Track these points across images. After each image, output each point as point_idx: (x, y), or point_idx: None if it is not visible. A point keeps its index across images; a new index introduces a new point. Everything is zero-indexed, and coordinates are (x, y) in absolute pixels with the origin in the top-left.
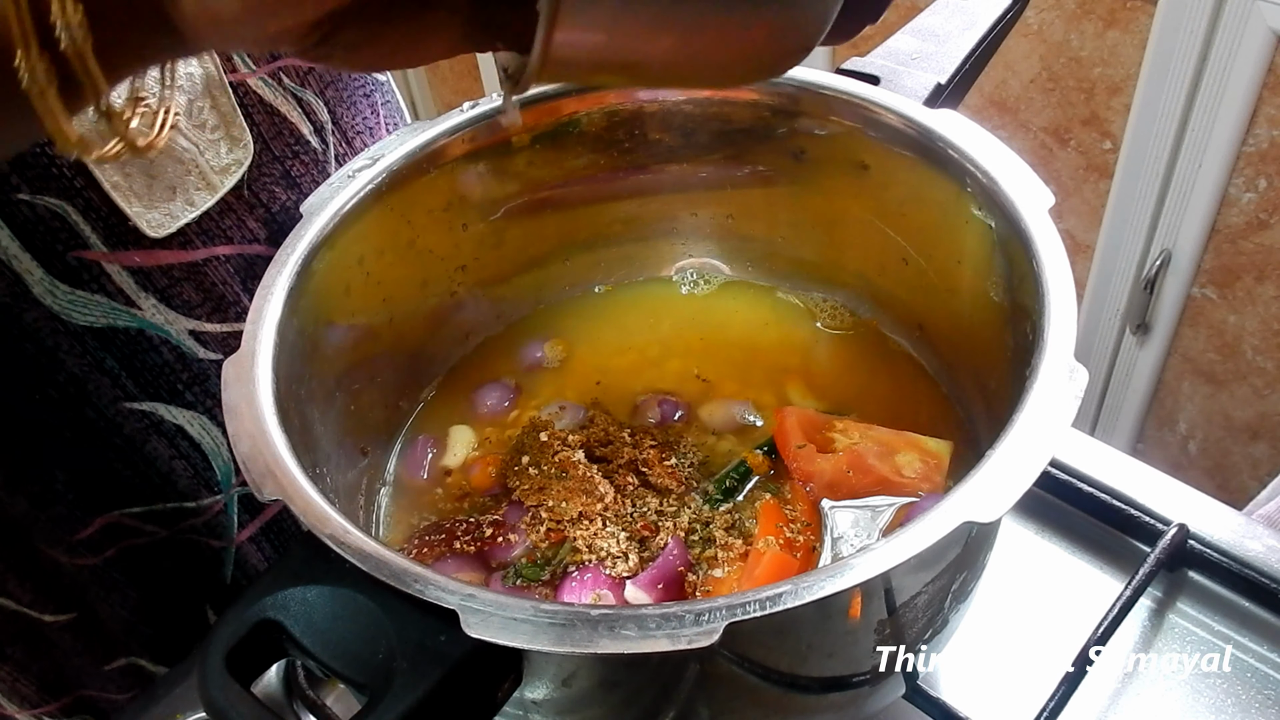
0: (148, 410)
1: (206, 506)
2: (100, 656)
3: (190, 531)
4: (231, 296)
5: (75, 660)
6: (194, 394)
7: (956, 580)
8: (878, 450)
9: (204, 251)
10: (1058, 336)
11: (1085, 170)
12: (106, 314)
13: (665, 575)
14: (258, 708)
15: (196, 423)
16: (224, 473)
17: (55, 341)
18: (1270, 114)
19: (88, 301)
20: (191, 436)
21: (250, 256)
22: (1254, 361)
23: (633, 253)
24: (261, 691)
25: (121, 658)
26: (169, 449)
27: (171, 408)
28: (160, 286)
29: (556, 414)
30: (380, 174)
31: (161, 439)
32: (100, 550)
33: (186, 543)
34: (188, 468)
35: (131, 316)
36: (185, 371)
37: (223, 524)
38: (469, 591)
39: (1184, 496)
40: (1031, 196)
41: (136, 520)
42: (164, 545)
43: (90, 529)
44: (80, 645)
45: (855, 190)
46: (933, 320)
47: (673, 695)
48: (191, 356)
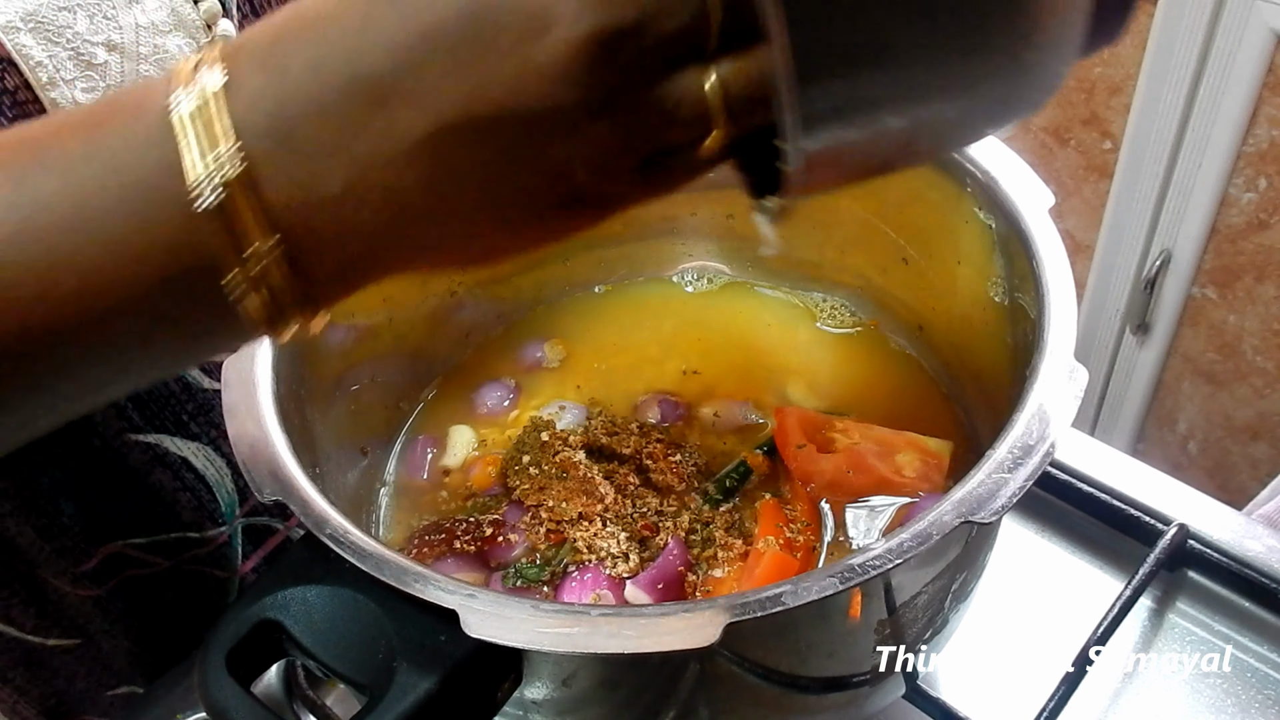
0: (153, 442)
1: (211, 538)
2: (102, 683)
3: (194, 562)
4: None
5: (77, 686)
6: (198, 425)
7: (956, 580)
8: (878, 450)
9: None
10: (1058, 336)
11: (1085, 170)
12: None
13: (665, 575)
14: (258, 708)
15: (201, 454)
16: (228, 504)
17: None
18: (1270, 114)
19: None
20: (196, 468)
21: None
22: (1254, 361)
23: (633, 253)
24: (261, 691)
25: (123, 685)
26: (173, 480)
27: (176, 439)
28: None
29: (556, 414)
30: None
31: (166, 470)
32: (103, 581)
33: (190, 573)
34: (192, 499)
35: None
36: (190, 402)
37: (227, 555)
38: (469, 591)
39: (1184, 496)
40: (1031, 196)
41: (140, 551)
42: (167, 576)
43: (93, 560)
44: (82, 671)
45: (855, 190)
46: (933, 320)
47: (673, 695)
48: (196, 387)
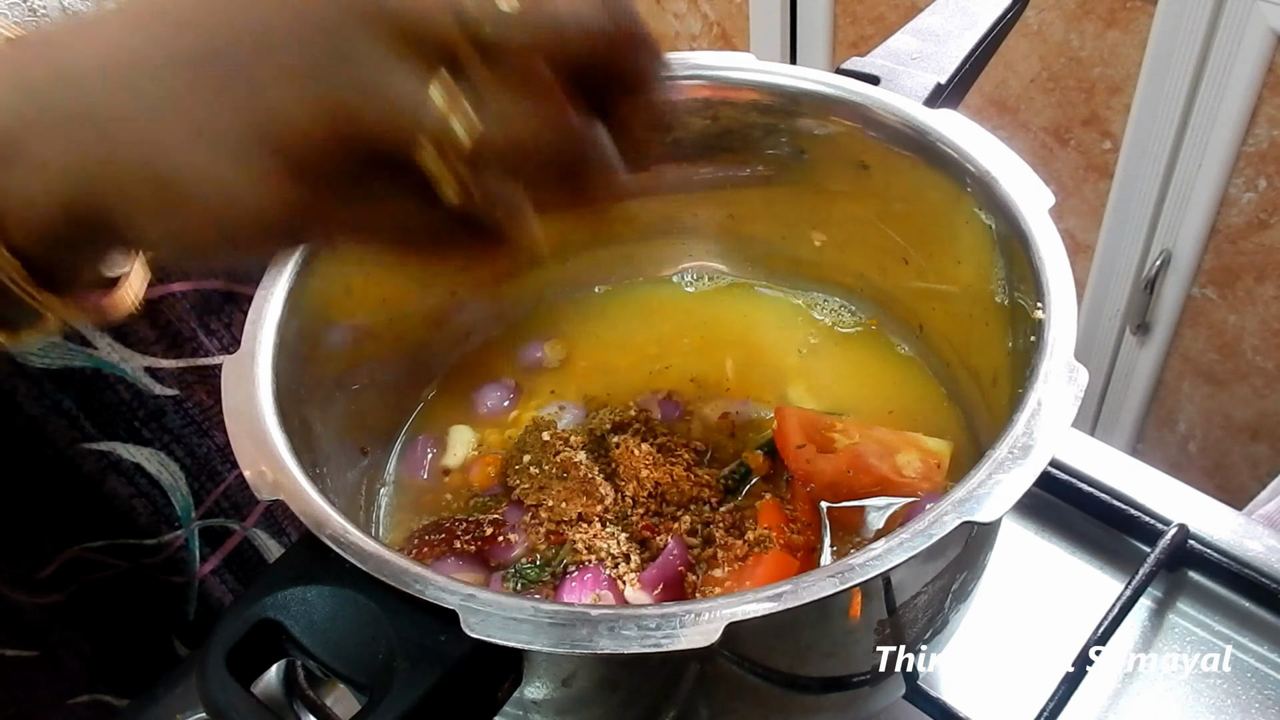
0: (105, 450)
1: (167, 543)
2: (63, 692)
3: (151, 569)
4: (188, 333)
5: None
6: (150, 430)
7: (956, 580)
8: (878, 450)
9: (160, 289)
10: (1058, 336)
11: (1085, 170)
12: (64, 355)
13: (665, 575)
14: (258, 708)
15: (155, 459)
16: (184, 507)
17: (13, 385)
18: (1270, 114)
19: (45, 344)
20: (150, 473)
21: (207, 292)
22: (1254, 361)
23: (633, 253)
24: (261, 691)
25: (85, 694)
26: (128, 487)
27: (129, 446)
28: (115, 325)
29: (556, 414)
30: None
31: (120, 478)
32: (63, 586)
33: (148, 579)
34: (147, 505)
35: (87, 356)
36: (142, 409)
37: (184, 559)
38: (469, 591)
39: (1184, 496)
40: (1031, 196)
41: (98, 554)
42: (126, 578)
43: (51, 566)
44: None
45: (855, 190)
46: (933, 320)
47: (673, 695)
48: (148, 394)
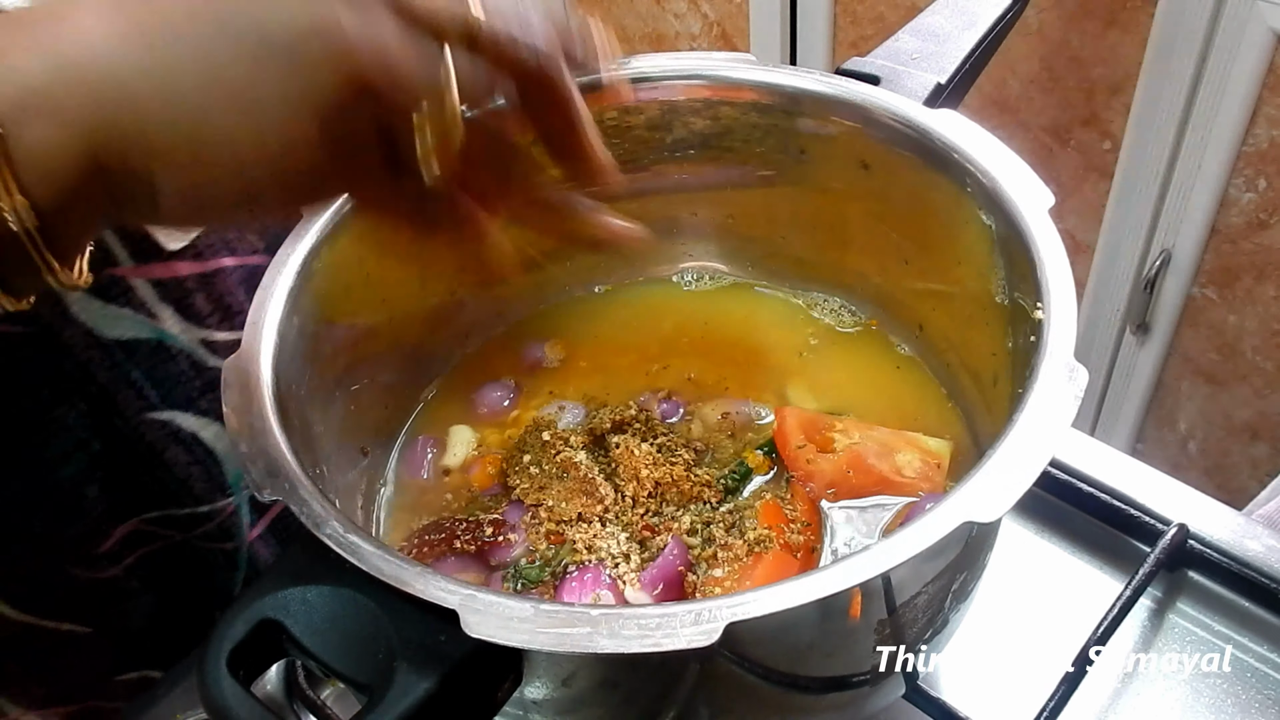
0: (167, 419)
1: (220, 509)
2: (113, 668)
3: (204, 538)
4: (237, 306)
5: (89, 670)
6: (207, 401)
7: (956, 580)
8: (878, 450)
9: (213, 263)
10: (1058, 336)
11: (1085, 170)
12: (132, 326)
13: (665, 575)
14: (258, 708)
15: (210, 429)
16: (235, 475)
17: (89, 355)
18: (1270, 114)
19: (118, 315)
20: (205, 442)
21: (252, 267)
22: (1254, 361)
23: (633, 253)
24: (261, 691)
25: (134, 670)
26: (186, 455)
27: (188, 415)
28: (176, 297)
29: (556, 414)
30: None
31: (179, 446)
32: (120, 560)
33: (201, 548)
34: (203, 472)
35: (152, 328)
36: (199, 379)
37: (235, 524)
38: (469, 591)
39: (1184, 496)
40: (1031, 196)
41: (154, 525)
42: (180, 549)
43: (111, 540)
44: (94, 656)
45: (856, 190)
46: (933, 320)
47: (673, 695)
48: (204, 365)
